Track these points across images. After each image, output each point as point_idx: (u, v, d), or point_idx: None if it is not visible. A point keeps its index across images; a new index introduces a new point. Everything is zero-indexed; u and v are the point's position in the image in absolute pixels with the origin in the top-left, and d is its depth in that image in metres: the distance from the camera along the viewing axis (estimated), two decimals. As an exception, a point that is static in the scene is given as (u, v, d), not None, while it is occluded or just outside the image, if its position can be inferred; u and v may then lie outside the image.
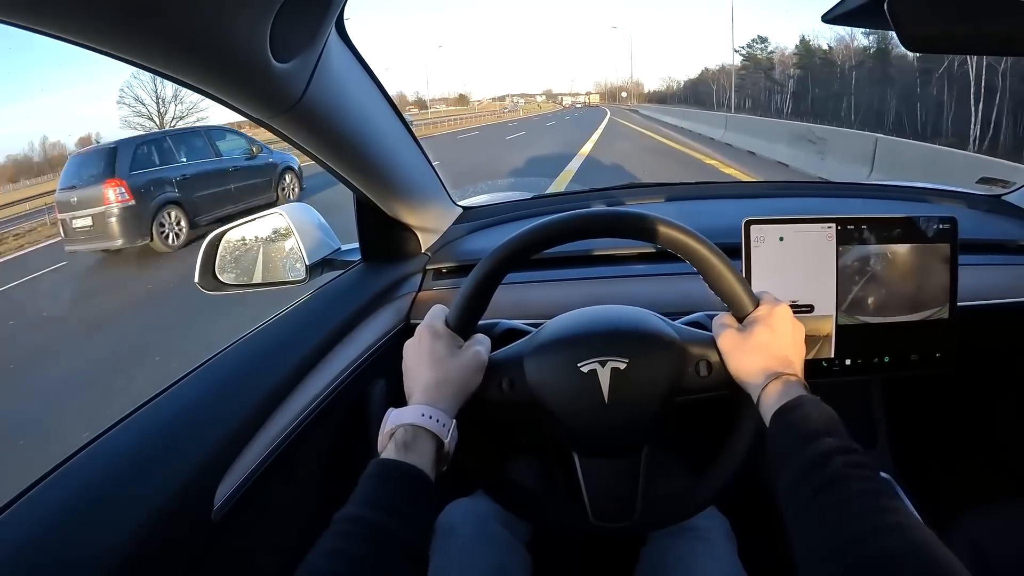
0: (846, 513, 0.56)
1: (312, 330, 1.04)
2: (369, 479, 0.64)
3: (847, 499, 0.57)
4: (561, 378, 0.80)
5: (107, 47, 0.58)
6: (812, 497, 0.59)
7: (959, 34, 0.85)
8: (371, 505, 0.61)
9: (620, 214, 0.80)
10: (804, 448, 0.63)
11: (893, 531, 0.54)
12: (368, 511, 0.61)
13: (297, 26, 0.72)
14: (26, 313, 7.05)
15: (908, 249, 1.00)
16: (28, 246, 12.91)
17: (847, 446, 0.62)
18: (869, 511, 0.56)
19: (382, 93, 1.08)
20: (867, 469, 0.60)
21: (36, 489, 0.66)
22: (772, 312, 0.75)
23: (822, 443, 0.62)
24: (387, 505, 0.61)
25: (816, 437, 0.63)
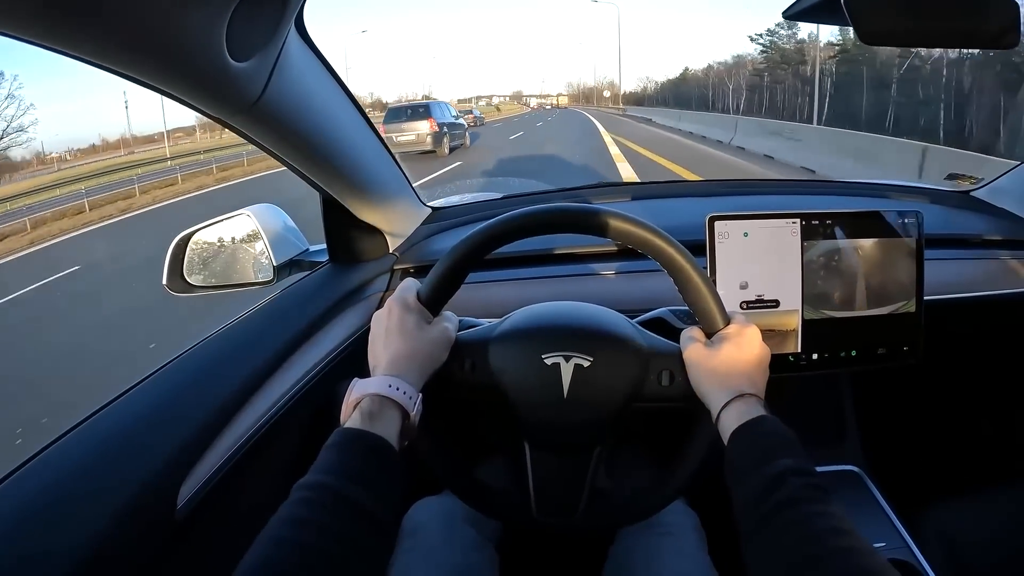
0: (799, 535, 0.57)
1: (278, 330, 1.03)
2: (332, 448, 0.63)
3: (800, 521, 0.57)
4: (523, 367, 0.79)
5: (60, 45, 0.57)
6: (766, 517, 0.59)
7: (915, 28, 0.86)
8: (335, 473, 0.60)
9: (607, 212, 0.78)
10: (760, 468, 0.63)
11: (845, 554, 0.54)
12: (332, 479, 0.59)
13: (254, 25, 0.71)
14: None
15: (874, 243, 1.01)
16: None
17: (803, 468, 0.62)
18: (821, 533, 0.56)
19: (345, 93, 1.07)
20: (822, 491, 0.60)
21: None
22: (742, 332, 0.75)
23: (778, 464, 0.62)
24: (352, 473, 0.60)
25: (773, 457, 0.63)
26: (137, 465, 0.72)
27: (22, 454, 0.70)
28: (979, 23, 0.87)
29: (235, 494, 0.86)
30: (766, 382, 0.75)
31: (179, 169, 22.84)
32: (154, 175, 21.80)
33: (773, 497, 0.59)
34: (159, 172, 22.83)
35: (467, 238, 0.79)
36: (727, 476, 0.67)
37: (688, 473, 0.81)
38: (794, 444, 0.65)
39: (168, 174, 22.02)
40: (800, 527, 0.57)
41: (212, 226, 1.28)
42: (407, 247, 1.39)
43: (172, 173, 21.84)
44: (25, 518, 0.63)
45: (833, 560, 0.53)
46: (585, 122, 33.44)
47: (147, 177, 21.17)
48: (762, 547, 0.59)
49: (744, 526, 0.62)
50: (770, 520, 0.59)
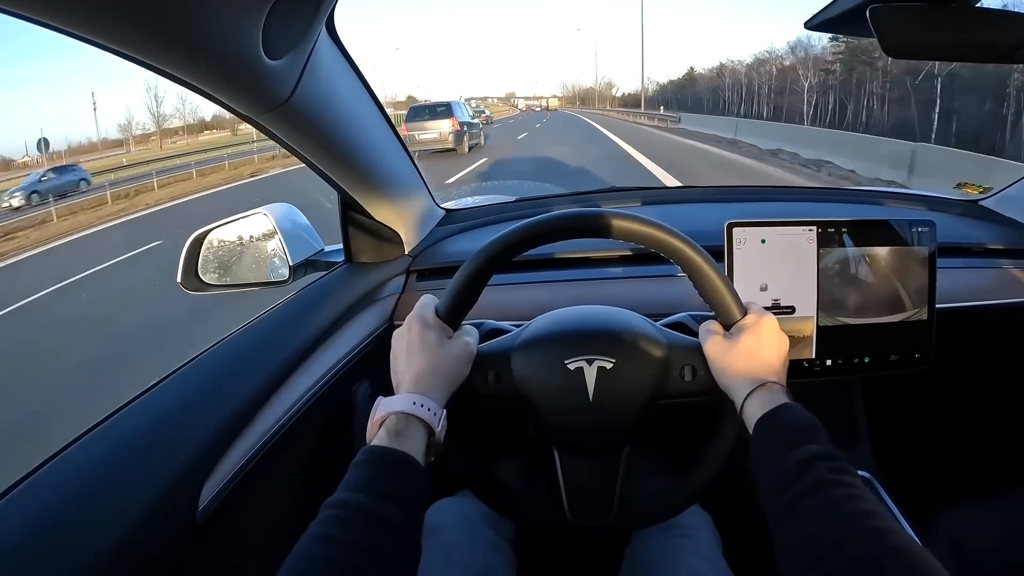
0: (827, 519, 0.57)
1: (296, 331, 1.03)
2: (361, 465, 0.64)
3: (828, 505, 0.58)
4: (547, 374, 0.80)
5: (97, 37, 0.58)
6: (794, 503, 0.60)
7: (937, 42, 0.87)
8: (364, 490, 0.61)
9: (619, 215, 0.80)
10: (786, 455, 0.63)
11: (874, 536, 0.54)
12: (361, 496, 0.60)
13: (289, 23, 0.73)
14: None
15: (888, 252, 1.02)
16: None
17: (828, 452, 0.63)
18: (850, 516, 0.56)
19: (369, 94, 1.09)
20: (848, 474, 0.61)
21: (16, 490, 0.65)
22: (759, 322, 0.76)
23: (804, 450, 0.63)
24: (380, 491, 0.61)
25: (798, 444, 0.64)
26: (160, 466, 0.72)
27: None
28: (997, 37, 0.88)
29: (255, 495, 0.86)
30: (787, 369, 0.77)
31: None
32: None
33: (800, 483, 0.60)
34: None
35: (481, 250, 0.80)
36: (753, 464, 0.68)
37: (716, 465, 0.82)
38: (818, 429, 0.66)
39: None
40: (827, 511, 0.58)
41: (228, 224, 1.29)
42: (422, 248, 1.39)
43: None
44: (48, 517, 0.63)
45: (861, 542, 0.54)
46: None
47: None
48: (790, 532, 0.60)
49: (771, 512, 0.62)
50: (797, 505, 0.60)
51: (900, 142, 12.39)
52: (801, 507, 0.59)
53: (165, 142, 22.29)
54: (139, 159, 21.24)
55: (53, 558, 0.60)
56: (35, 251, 12.08)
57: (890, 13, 0.83)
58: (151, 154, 21.29)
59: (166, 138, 29.48)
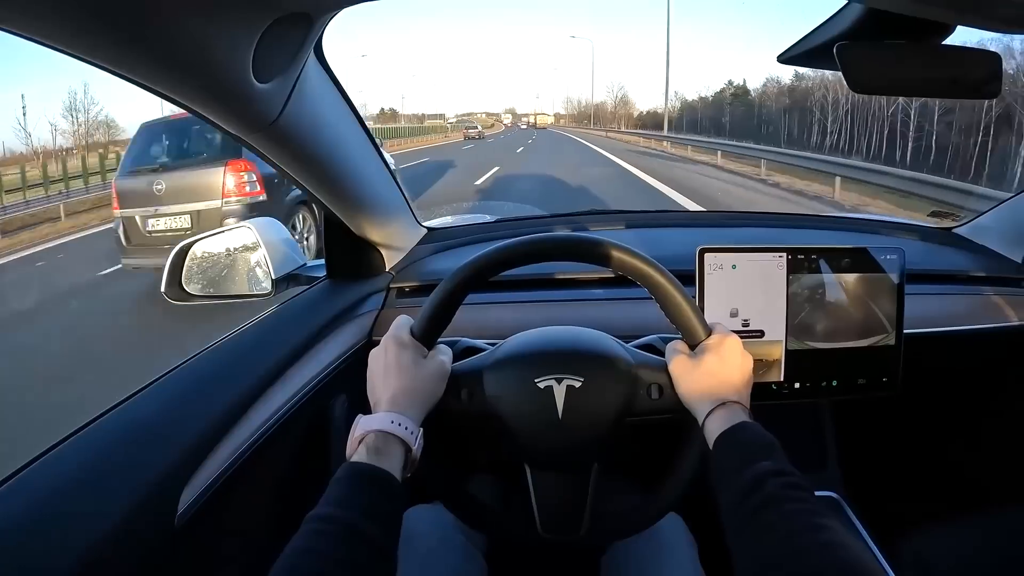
0: (779, 532, 0.59)
1: (276, 344, 1.04)
2: (341, 481, 0.66)
3: (780, 519, 0.60)
4: (518, 392, 0.82)
5: (90, 56, 0.60)
6: (748, 518, 0.62)
7: (904, 79, 0.90)
8: (345, 506, 0.63)
9: (584, 239, 0.83)
10: (742, 471, 0.66)
11: (824, 549, 0.56)
12: (342, 511, 0.62)
13: (279, 47, 0.75)
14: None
15: (857, 278, 1.04)
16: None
17: (782, 469, 0.65)
18: (801, 530, 0.58)
19: (355, 115, 1.11)
20: (801, 490, 0.63)
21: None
22: (723, 342, 0.78)
23: (758, 466, 0.65)
24: (361, 506, 0.63)
25: (753, 461, 0.66)
26: (138, 473, 0.73)
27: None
28: (963, 73, 0.91)
29: (233, 503, 0.87)
30: (751, 387, 0.79)
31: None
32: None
33: (753, 498, 0.62)
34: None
35: (455, 272, 0.82)
36: (712, 480, 0.70)
37: (684, 482, 0.84)
38: (773, 446, 0.68)
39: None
40: (779, 525, 0.60)
41: (213, 236, 1.30)
42: (403, 266, 1.41)
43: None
44: (25, 522, 0.63)
45: (811, 555, 0.56)
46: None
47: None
48: (745, 546, 0.62)
49: (728, 528, 0.64)
50: (751, 521, 0.62)
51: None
52: (753, 523, 0.61)
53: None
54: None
55: (28, 558, 0.61)
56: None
57: (856, 51, 0.86)
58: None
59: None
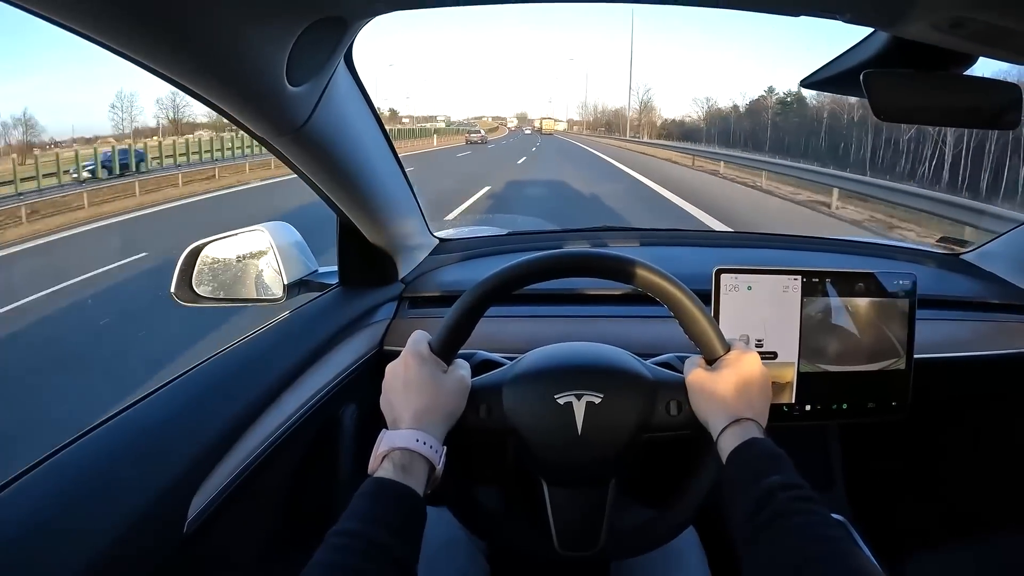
0: (785, 546, 0.60)
1: (288, 350, 1.04)
2: (367, 496, 0.66)
3: (789, 531, 0.61)
4: (537, 408, 0.82)
5: (134, 53, 0.61)
6: (758, 531, 0.63)
7: (926, 107, 0.91)
8: (371, 522, 0.63)
9: (606, 255, 0.83)
10: (752, 485, 0.66)
11: (830, 559, 0.58)
12: (368, 527, 0.62)
13: (313, 52, 0.75)
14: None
15: (869, 302, 1.05)
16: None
17: (791, 482, 0.66)
18: (808, 541, 0.60)
19: (377, 121, 1.12)
20: (810, 502, 0.64)
21: (3, 493, 0.65)
22: (741, 358, 0.78)
23: (768, 480, 0.66)
24: (387, 523, 0.63)
25: (764, 475, 0.67)
26: (149, 478, 0.73)
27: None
28: (984, 103, 0.92)
29: (241, 511, 0.87)
30: (768, 405, 0.79)
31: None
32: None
33: (763, 512, 0.63)
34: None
35: (477, 286, 0.82)
36: (724, 495, 0.71)
37: (700, 497, 0.84)
38: (782, 460, 0.69)
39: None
40: (788, 538, 0.61)
41: (224, 239, 1.30)
42: (415, 276, 1.42)
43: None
44: (35, 522, 0.63)
45: (820, 565, 0.57)
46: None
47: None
48: (755, 559, 0.62)
49: (739, 540, 0.65)
50: (760, 534, 0.62)
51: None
52: (762, 536, 0.62)
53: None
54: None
55: (36, 565, 0.60)
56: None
57: (883, 78, 0.87)
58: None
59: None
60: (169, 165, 19.87)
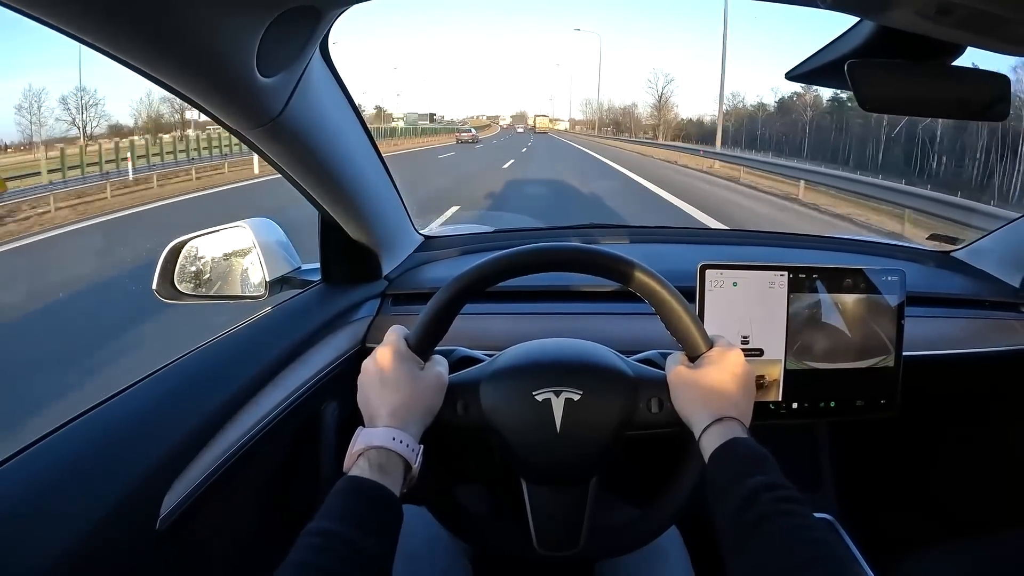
0: (771, 547, 0.59)
1: (268, 347, 1.03)
2: (342, 495, 0.65)
3: (772, 534, 0.60)
4: (515, 405, 0.81)
5: (97, 41, 0.60)
6: (741, 534, 0.62)
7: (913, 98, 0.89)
8: (347, 522, 0.62)
9: (585, 250, 0.82)
10: (735, 487, 0.65)
11: (815, 563, 0.57)
12: (344, 527, 0.61)
13: (285, 42, 0.74)
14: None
15: (857, 299, 1.03)
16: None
17: (774, 482, 0.65)
18: (791, 547, 0.59)
19: (357, 117, 1.10)
20: (793, 503, 0.63)
21: None
22: (724, 355, 0.77)
23: (751, 481, 0.65)
24: (363, 523, 0.62)
25: (746, 476, 0.66)
26: (121, 472, 0.72)
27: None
28: (972, 94, 0.90)
29: (217, 508, 0.86)
30: (752, 403, 0.77)
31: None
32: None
33: (746, 515, 0.62)
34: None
35: (453, 281, 0.80)
36: (707, 495, 0.70)
37: (683, 496, 0.83)
38: (766, 460, 0.68)
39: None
40: (772, 541, 0.60)
41: (207, 235, 1.28)
42: (399, 273, 1.41)
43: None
44: (2, 518, 0.62)
45: (804, 569, 0.56)
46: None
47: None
48: (738, 562, 0.62)
49: (722, 543, 0.64)
50: (744, 538, 0.62)
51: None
52: (746, 538, 0.61)
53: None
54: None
55: (5, 556, 0.60)
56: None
57: (868, 68, 0.85)
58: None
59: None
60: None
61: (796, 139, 33.44)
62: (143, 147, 18.60)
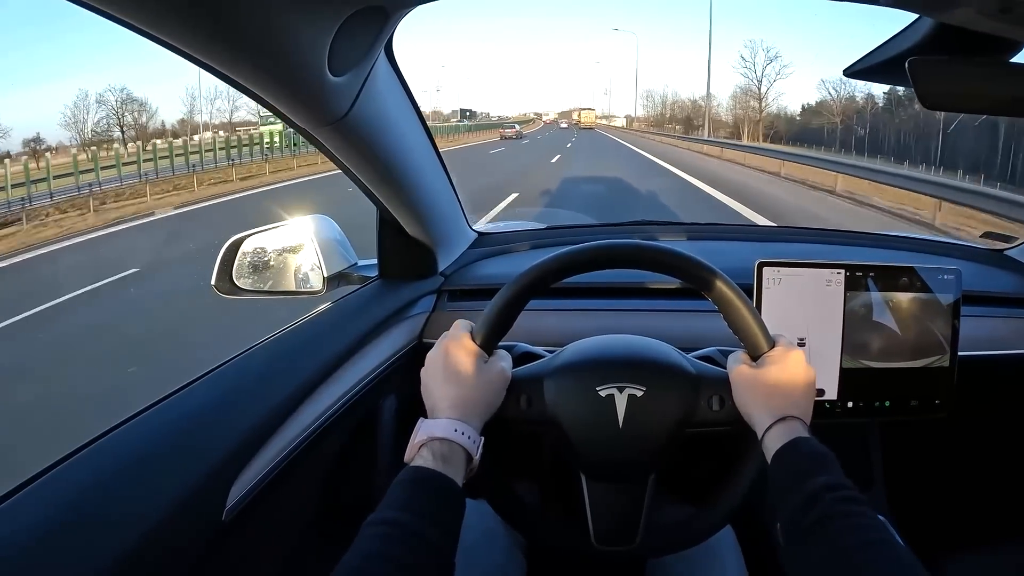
0: (834, 548, 0.59)
1: (328, 342, 1.05)
2: (406, 485, 0.66)
3: (835, 536, 0.60)
4: (579, 400, 0.81)
5: (175, 41, 0.62)
6: (804, 534, 0.62)
7: (972, 95, 0.89)
8: (411, 511, 0.63)
9: (649, 247, 0.82)
10: (798, 487, 0.65)
11: (879, 564, 0.57)
12: (409, 516, 0.62)
13: (354, 41, 0.76)
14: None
15: (913, 298, 1.03)
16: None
17: (837, 483, 0.64)
18: (851, 549, 0.59)
19: (418, 115, 1.12)
20: (856, 504, 0.63)
21: (45, 477, 0.66)
22: (787, 355, 0.77)
23: (814, 481, 0.65)
24: (427, 512, 0.63)
25: (809, 476, 0.66)
26: (189, 465, 0.74)
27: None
28: None
29: (279, 499, 0.88)
30: (812, 402, 0.77)
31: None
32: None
33: (808, 516, 0.62)
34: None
35: (520, 276, 0.81)
36: (769, 495, 0.70)
37: (740, 495, 0.83)
38: (829, 460, 0.68)
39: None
40: (835, 541, 0.60)
41: (265, 232, 1.31)
42: (455, 269, 1.42)
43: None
44: (75, 507, 0.64)
45: (862, 573, 0.57)
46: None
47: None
48: (800, 563, 0.62)
49: (784, 544, 0.64)
50: (805, 539, 0.62)
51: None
52: (809, 539, 0.62)
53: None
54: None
55: (77, 549, 0.61)
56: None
57: (928, 66, 0.85)
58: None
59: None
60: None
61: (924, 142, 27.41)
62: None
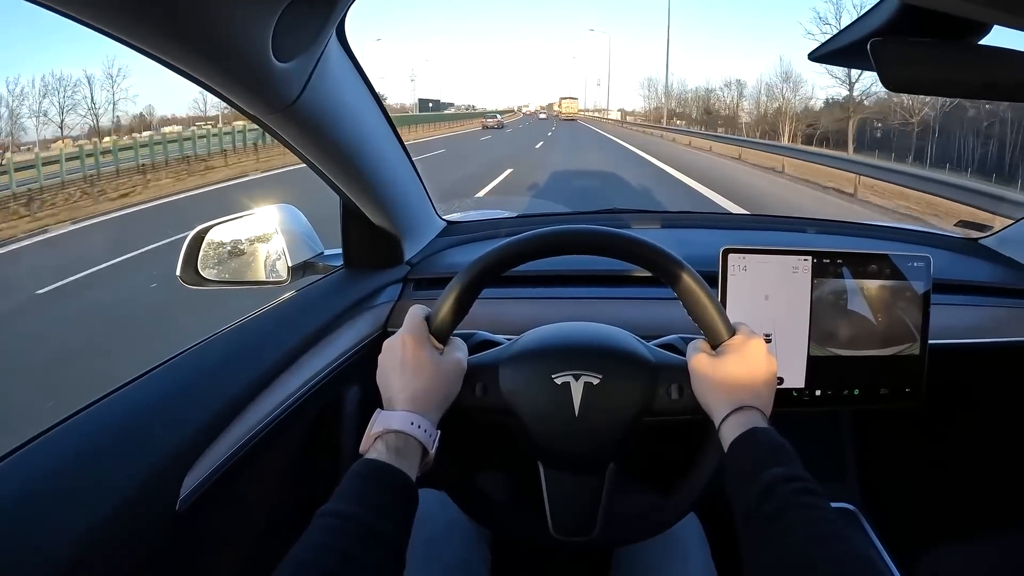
0: (787, 543, 0.58)
1: (290, 331, 1.04)
2: (358, 477, 0.65)
3: (788, 529, 0.59)
4: (534, 388, 0.81)
5: (110, 28, 0.60)
6: (759, 527, 0.61)
7: (939, 78, 0.87)
8: (362, 504, 0.62)
9: (604, 233, 0.81)
10: (753, 478, 0.64)
11: (834, 557, 0.56)
12: (359, 509, 0.61)
13: (300, 26, 0.74)
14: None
15: (882, 285, 1.02)
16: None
17: (792, 474, 0.63)
18: (805, 543, 0.58)
19: (376, 102, 1.10)
20: (811, 496, 0.62)
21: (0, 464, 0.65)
22: (746, 343, 0.76)
23: (769, 473, 0.64)
24: (378, 505, 0.62)
25: (765, 466, 0.65)
26: (142, 454, 0.72)
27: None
28: (1001, 75, 0.88)
29: (236, 490, 0.87)
30: (773, 392, 0.76)
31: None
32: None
33: (764, 506, 0.61)
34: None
35: (472, 264, 0.80)
36: (727, 486, 0.69)
37: (700, 485, 0.82)
38: (785, 450, 0.67)
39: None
40: (790, 534, 0.59)
41: (230, 222, 1.29)
42: (421, 258, 1.41)
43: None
44: (25, 500, 0.63)
45: (822, 563, 0.55)
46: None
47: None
48: (756, 556, 0.61)
49: (741, 536, 0.63)
50: (760, 531, 0.61)
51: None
52: (764, 531, 0.61)
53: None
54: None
55: (29, 533, 0.60)
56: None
57: (891, 47, 0.84)
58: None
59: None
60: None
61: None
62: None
